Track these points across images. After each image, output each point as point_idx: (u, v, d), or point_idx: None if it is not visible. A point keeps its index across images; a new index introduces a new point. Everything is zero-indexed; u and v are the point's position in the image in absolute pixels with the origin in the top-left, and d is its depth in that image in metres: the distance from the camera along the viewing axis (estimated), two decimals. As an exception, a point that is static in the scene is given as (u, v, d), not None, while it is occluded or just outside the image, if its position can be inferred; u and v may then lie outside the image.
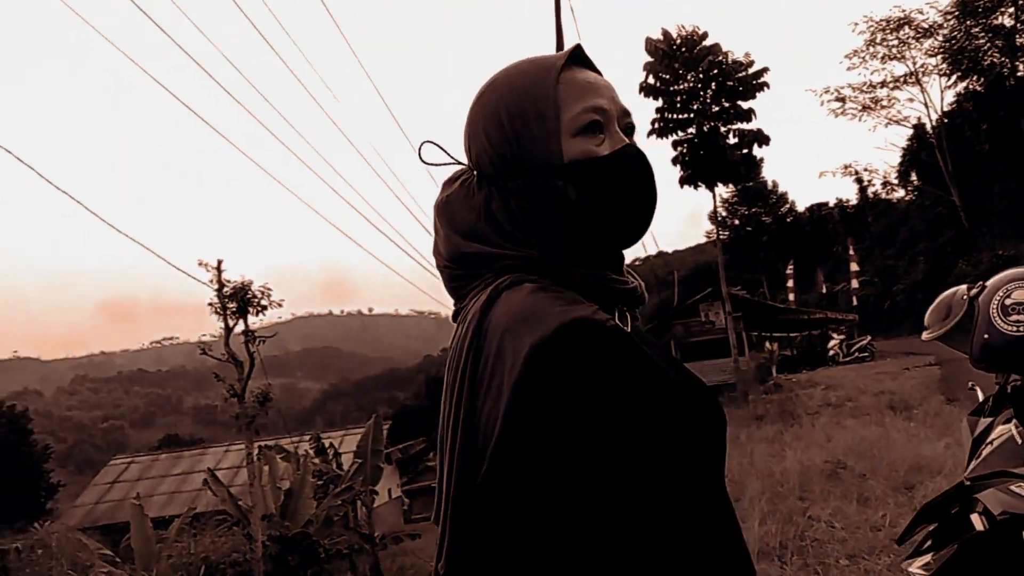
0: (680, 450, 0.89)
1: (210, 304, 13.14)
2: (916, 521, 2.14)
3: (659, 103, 23.24)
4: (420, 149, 1.10)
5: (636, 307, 1.08)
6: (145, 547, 12.40)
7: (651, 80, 23.05)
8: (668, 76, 22.91)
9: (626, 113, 1.05)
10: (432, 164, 1.10)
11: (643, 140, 23.35)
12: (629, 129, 1.06)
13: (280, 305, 13.54)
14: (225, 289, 13.07)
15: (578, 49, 1.06)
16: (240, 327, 13.54)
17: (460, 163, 1.11)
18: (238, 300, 12.99)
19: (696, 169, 23.20)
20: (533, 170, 1.00)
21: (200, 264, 13.02)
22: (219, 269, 13.16)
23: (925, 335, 2.58)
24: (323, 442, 19.51)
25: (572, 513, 0.80)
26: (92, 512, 23.96)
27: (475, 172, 1.06)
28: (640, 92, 22.97)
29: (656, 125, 23.33)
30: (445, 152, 1.11)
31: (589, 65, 1.07)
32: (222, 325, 13.29)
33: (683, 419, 0.92)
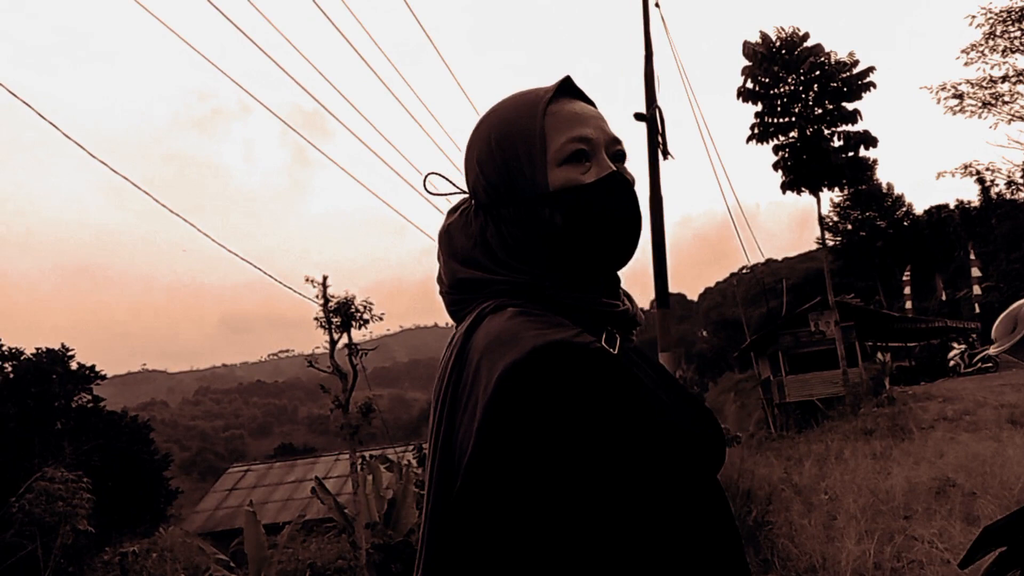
0: (646, 473, 0.91)
1: (316, 319, 13.67)
2: (978, 544, 2.08)
3: (759, 107, 22.73)
4: (425, 180, 1.16)
5: (630, 329, 1.10)
6: (257, 552, 12.98)
7: (749, 84, 22.57)
8: (767, 79, 22.39)
9: (615, 141, 1.08)
10: (435, 194, 1.16)
11: (743, 145, 22.88)
12: (619, 156, 1.09)
13: (381, 319, 13.94)
14: (330, 304, 13.58)
15: (567, 81, 1.10)
16: (346, 340, 14.01)
17: (463, 192, 1.16)
18: (342, 314, 13.47)
19: (799, 174, 22.55)
20: (522, 198, 1.04)
21: (307, 280, 13.58)
22: (324, 285, 13.69)
23: (992, 349, 2.49)
24: (424, 452, 19.86)
25: (531, 527, 0.85)
26: (212, 518, 25.14)
27: (472, 201, 1.12)
28: (738, 97, 22.53)
29: (756, 130, 22.81)
30: (449, 182, 1.17)
31: (580, 95, 1.11)
32: (328, 339, 13.81)
33: (656, 444, 0.94)
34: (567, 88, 1.10)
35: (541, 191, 1.04)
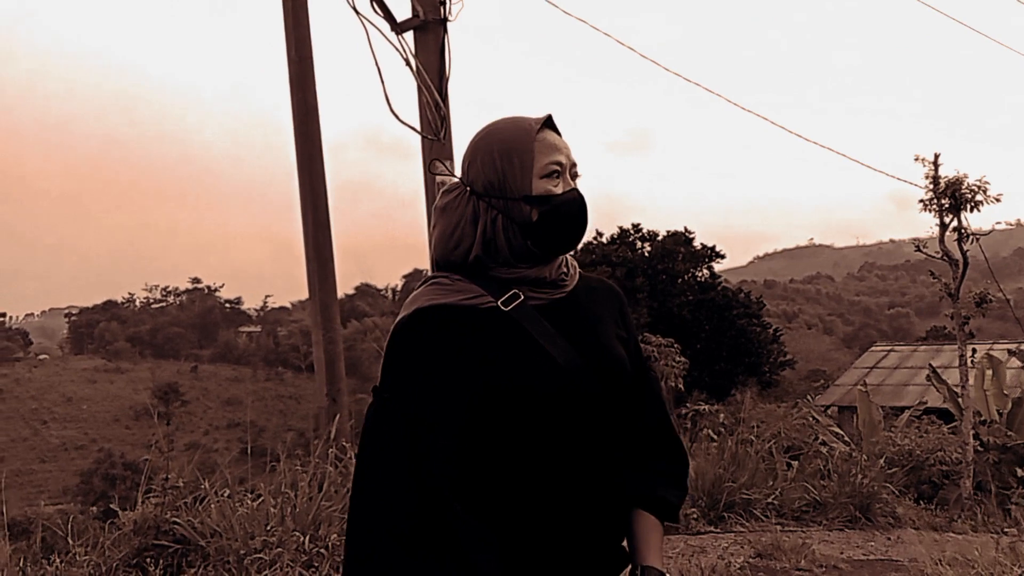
0: (480, 404, 1.35)
1: (921, 201, 12.94)
2: None
3: None
4: (430, 164, 1.68)
5: (549, 288, 1.50)
6: (869, 432, 13.39)
7: None
8: None
9: (574, 164, 1.51)
10: (436, 174, 1.67)
11: None
12: (574, 176, 1.51)
13: (998, 201, 12.54)
14: (939, 185, 12.68)
15: (549, 117, 1.52)
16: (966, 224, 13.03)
17: (455, 177, 1.57)
18: (950, 197, 12.51)
19: None
20: (512, 196, 1.47)
21: (916, 159, 12.86)
22: (936, 164, 12.77)
23: None
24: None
25: (386, 439, 1.36)
26: (849, 393, 25.88)
27: (468, 188, 1.52)
28: None
29: None
30: (447, 169, 1.63)
31: (555, 128, 1.52)
32: (938, 223, 12.97)
33: (498, 381, 1.36)
34: (547, 121, 1.51)
35: (526, 193, 1.46)
